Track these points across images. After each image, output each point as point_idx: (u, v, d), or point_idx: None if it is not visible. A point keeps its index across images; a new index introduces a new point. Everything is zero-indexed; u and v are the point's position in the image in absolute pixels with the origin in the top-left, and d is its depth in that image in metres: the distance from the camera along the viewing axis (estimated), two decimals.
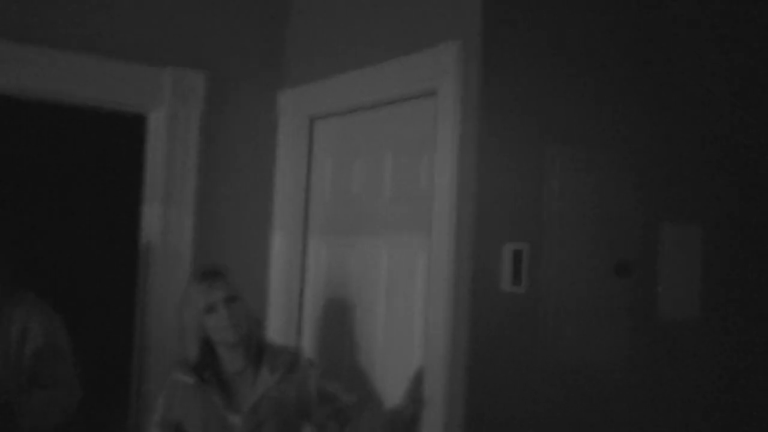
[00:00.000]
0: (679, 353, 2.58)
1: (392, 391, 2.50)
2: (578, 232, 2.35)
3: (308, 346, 2.95)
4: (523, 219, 2.27)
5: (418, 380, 2.33)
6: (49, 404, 2.35)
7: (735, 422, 2.69)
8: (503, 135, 2.24)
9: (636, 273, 2.47)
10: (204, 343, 2.28)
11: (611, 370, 2.43)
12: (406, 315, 2.52)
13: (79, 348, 2.55)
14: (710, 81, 2.65)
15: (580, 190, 2.36)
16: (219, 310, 2.24)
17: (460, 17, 2.27)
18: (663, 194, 2.55)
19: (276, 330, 2.96)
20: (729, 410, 2.68)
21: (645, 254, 2.51)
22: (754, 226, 2.73)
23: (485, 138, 2.21)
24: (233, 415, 2.23)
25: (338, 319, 2.81)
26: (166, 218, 2.81)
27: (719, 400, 2.66)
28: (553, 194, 2.31)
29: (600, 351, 2.40)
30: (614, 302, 2.43)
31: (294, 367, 2.32)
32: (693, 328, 2.61)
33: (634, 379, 2.47)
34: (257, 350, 2.31)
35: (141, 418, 2.73)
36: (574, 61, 2.36)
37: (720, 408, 2.66)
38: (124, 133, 2.98)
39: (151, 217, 2.84)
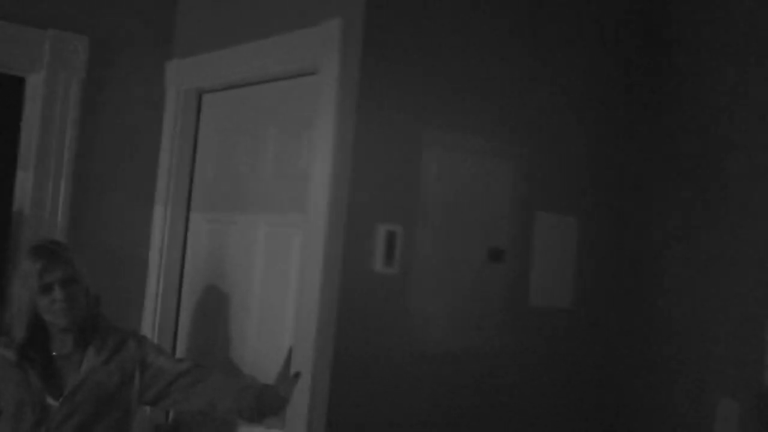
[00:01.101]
0: (548, 341, 2.64)
1: (267, 370, 2.48)
2: (453, 217, 2.38)
3: (185, 323, 2.90)
4: (398, 201, 2.28)
5: (290, 359, 2.31)
6: None
7: (601, 411, 2.78)
8: (382, 116, 2.24)
9: (509, 260, 2.51)
10: (34, 322, 2.17)
11: (480, 356, 2.46)
12: (282, 294, 2.50)
13: None
14: (591, 75, 2.72)
15: (456, 175, 2.38)
16: (55, 292, 2.14)
17: None
18: (541, 184, 2.60)
19: (153, 306, 2.91)
20: (595, 400, 2.77)
21: (520, 242, 2.56)
22: (627, 220, 2.82)
23: (363, 118, 2.20)
24: (50, 398, 2.16)
25: (216, 296, 2.77)
26: (40, 186, 2.72)
27: (586, 390, 2.74)
28: (429, 178, 2.32)
29: (470, 336, 2.44)
30: (487, 288, 2.47)
31: (121, 346, 2.26)
32: (564, 317, 2.68)
33: (503, 365, 2.52)
34: (91, 331, 2.24)
35: None
36: (455, 45, 2.38)
37: (586, 397, 2.74)
38: (2, 96, 2.86)
39: (25, 185, 2.74)
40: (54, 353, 2.24)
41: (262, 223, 2.62)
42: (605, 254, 2.78)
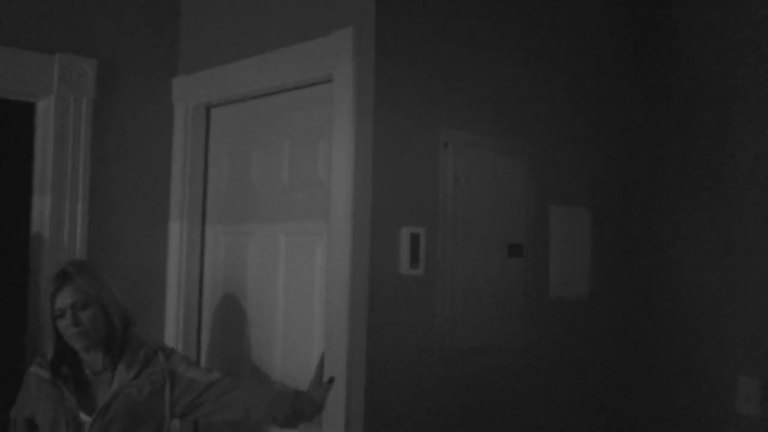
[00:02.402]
0: (569, 331, 2.68)
1: (294, 377, 2.51)
2: (473, 215, 2.42)
3: (208, 336, 2.92)
4: (420, 203, 2.32)
5: (322, 364, 2.34)
6: None
7: (622, 396, 2.82)
8: (399, 120, 2.28)
9: (528, 254, 2.55)
10: (59, 342, 2.24)
11: (506, 349, 2.51)
12: (306, 301, 2.53)
13: None
14: (600, 73, 2.76)
15: (474, 174, 2.42)
16: (66, 317, 2.20)
17: (354, 3, 2.29)
18: (554, 179, 2.65)
19: (174, 321, 2.93)
20: (616, 383, 2.81)
21: (537, 236, 2.60)
22: (640, 209, 2.86)
23: (381, 123, 2.24)
24: (84, 414, 2.21)
25: (238, 307, 2.80)
26: (57, 209, 2.74)
27: (607, 375, 2.78)
28: (447, 178, 2.36)
29: (496, 331, 2.47)
30: (509, 283, 2.51)
31: (150, 360, 2.30)
32: (582, 307, 2.72)
33: (527, 357, 2.56)
34: (121, 349, 2.28)
35: None
36: (468, 46, 2.42)
37: (608, 381, 2.78)
38: (13, 122, 2.87)
39: (42, 208, 2.76)
40: (86, 371, 2.28)
41: (281, 233, 2.64)
42: (620, 243, 2.83)
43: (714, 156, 2.72)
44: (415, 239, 2.28)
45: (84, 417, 2.21)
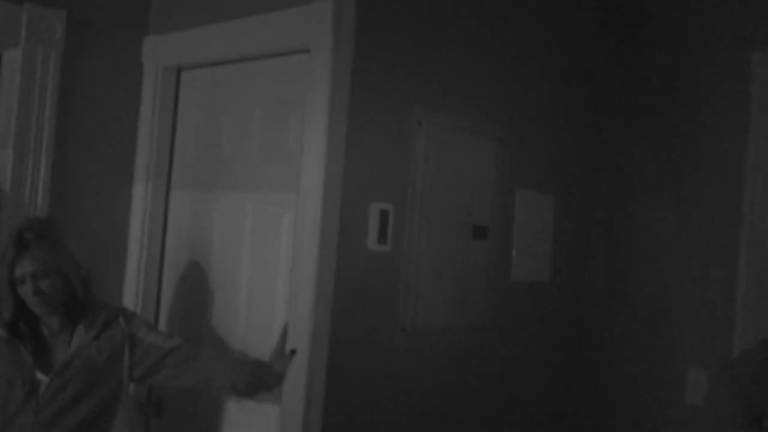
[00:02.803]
0: (528, 314, 2.72)
1: (255, 347, 2.51)
2: (441, 195, 2.43)
3: (168, 302, 2.90)
4: (390, 180, 2.32)
5: (285, 336, 2.34)
6: None
7: (576, 380, 2.88)
8: (374, 96, 2.27)
9: (492, 236, 2.58)
10: (19, 302, 2.20)
11: (467, 329, 2.54)
12: (271, 271, 2.52)
13: None
14: (568, 63, 2.78)
15: (444, 155, 2.43)
16: (26, 285, 2.17)
17: None
18: (521, 163, 2.67)
19: (134, 284, 2.90)
20: (570, 368, 2.87)
21: (502, 219, 2.62)
22: (600, 197, 2.91)
23: (356, 98, 2.23)
24: (41, 373, 2.19)
25: (200, 274, 2.78)
26: (19, 164, 2.68)
27: (562, 360, 2.83)
28: (419, 157, 2.37)
29: (457, 310, 2.50)
30: (472, 264, 2.54)
31: (110, 323, 2.29)
32: (541, 290, 2.76)
33: (487, 338, 2.60)
34: (81, 310, 2.26)
35: None
36: (447, 29, 2.42)
37: (563, 366, 2.84)
38: None
39: (3, 162, 2.70)
40: (44, 331, 2.25)
41: (248, 202, 2.63)
42: (581, 230, 2.87)
43: (676, 150, 2.77)
44: (384, 215, 2.29)
45: (41, 376, 2.20)
